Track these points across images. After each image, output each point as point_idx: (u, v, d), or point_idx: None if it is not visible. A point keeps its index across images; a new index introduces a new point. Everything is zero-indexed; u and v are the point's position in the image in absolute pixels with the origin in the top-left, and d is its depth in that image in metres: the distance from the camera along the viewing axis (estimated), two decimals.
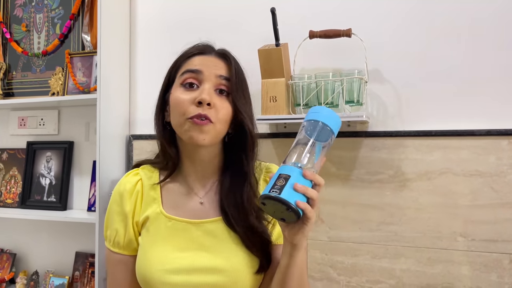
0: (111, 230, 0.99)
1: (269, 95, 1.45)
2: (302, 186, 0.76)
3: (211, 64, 0.95)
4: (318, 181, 0.80)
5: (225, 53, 0.98)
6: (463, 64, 1.42)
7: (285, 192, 0.75)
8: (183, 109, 0.91)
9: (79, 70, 1.86)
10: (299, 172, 0.78)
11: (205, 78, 0.93)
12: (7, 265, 1.98)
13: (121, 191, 0.99)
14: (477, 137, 1.38)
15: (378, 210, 1.48)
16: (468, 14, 1.42)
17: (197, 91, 0.92)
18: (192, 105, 0.90)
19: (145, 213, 0.97)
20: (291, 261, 0.85)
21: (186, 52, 0.99)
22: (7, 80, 2.03)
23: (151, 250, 0.93)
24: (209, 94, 0.91)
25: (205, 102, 0.89)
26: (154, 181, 1.00)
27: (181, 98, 0.92)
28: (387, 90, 1.49)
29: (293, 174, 0.78)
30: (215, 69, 0.94)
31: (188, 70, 0.94)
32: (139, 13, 1.87)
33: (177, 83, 0.96)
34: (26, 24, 2.01)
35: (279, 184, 0.76)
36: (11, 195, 2.01)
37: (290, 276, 0.87)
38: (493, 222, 1.36)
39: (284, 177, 0.77)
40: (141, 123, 1.85)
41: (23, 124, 2.04)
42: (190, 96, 0.92)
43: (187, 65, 0.96)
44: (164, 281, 0.90)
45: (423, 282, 1.42)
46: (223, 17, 1.72)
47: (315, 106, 0.88)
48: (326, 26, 1.48)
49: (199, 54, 0.97)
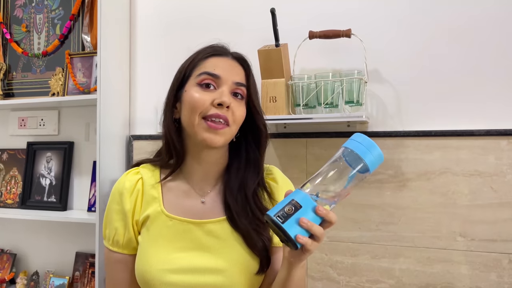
0: (110, 229, 0.99)
1: (269, 96, 1.45)
2: (308, 223, 0.74)
3: (229, 68, 0.96)
4: (331, 219, 0.76)
5: (242, 57, 1.00)
6: (462, 64, 1.42)
7: (289, 223, 0.74)
8: (200, 108, 0.91)
9: (79, 71, 1.86)
10: (313, 206, 0.75)
11: (223, 83, 0.94)
12: (7, 265, 1.98)
13: (120, 189, 0.99)
14: (477, 137, 1.39)
15: (377, 210, 1.48)
16: (468, 15, 1.42)
17: (215, 92, 0.93)
18: (210, 105, 0.92)
19: (146, 212, 0.97)
20: (289, 276, 0.86)
21: (202, 51, 0.99)
22: (7, 81, 2.03)
23: (151, 250, 0.93)
24: (229, 97, 0.92)
25: (226, 105, 0.91)
26: (155, 179, 1.00)
27: (198, 97, 0.92)
28: (386, 90, 1.50)
29: (304, 205, 0.75)
30: (233, 75, 0.95)
31: (207, 73, 0.94)
32: (139, 13, 1.87)
33: (193, 82, 0.95)
34: (26, 24, 2.01)
35: (286, 212, 0.74)
36: (11, 195, 2.02)
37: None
38: (492, 222, 1.37)
39: (294, 205, 0.75)
40: (141, 124, 1.85)
41: (23, 124, 2.04)
42: (209, 97, 0.92)
43: (205, 67, 0.95)
44: (163, 280, 0.90)
45: (423, 281, 1.43)
46: (222, 18, 1.72)
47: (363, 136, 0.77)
48: (326, 26, 1.48)
49: (216, 55, 0.97)
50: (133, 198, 0.98)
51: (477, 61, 1.41)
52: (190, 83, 0.96)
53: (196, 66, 0.97)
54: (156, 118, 1.81)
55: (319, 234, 0.75)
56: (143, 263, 0.92)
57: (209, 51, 0.98)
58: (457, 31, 1.43)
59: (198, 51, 1.00)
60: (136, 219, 0.97)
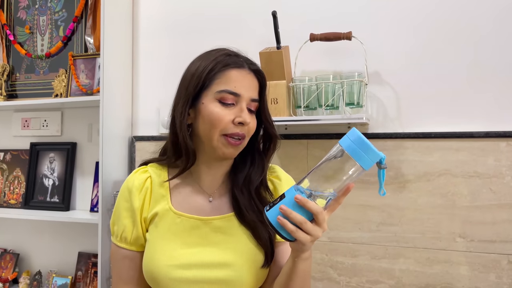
0: (119, 225, 1.00)
1: (270, 97, 1.47)
2: (285, 209, 0.77)
3: (247, 83, 0.97)
4: (310, 208, 0.77)
5: (258, 69, 1.01)
6: (462, 66, 1.44)
7: (271, 211, 0.78)
8: (221, 126, 0.94)
9: (82, 72, 1.88)
10: (293, 194, 0.78)
11: (242, 100, 0.96)
12: (10, 265, 1.99)
13: (130, 187, 1.01)
14: (476, 139, 1.40)
15: (377, 211, 1.49)
16: (468, 17, 1.43)
17: (234, 109, 0.95)
18: (231, 123, 0.94)
19: (154, 210, 0.99)
20: (293, 268, 0.88)
21: (221, 61, 0.97)
22: (10, 82, 2.05)
23: (159, 246, 0.95)
24: (247, 115, 0.95)
25: (247, 124, 0.95)
26: (163, 178, 1.02)
27: (220, 114, 0.94)
28: (386, 92, 1.51)
29: (287, 195, 0.79)
30: (250, 91, 0.97)
31: (229, 92, 0.95)
32: (142, 15, 1.89)
33: (212, 97, 0.95)
34: (30, 26, 2.03)
35: (273, 202, 0.79)
36: (15, 195, 2.03)
37: (292, 282, 0.90)
38: (491, 223, 1.38)
39: (281, 196, 0.79)
40: (143, 125, 1.87)
41: (26, 125, 2.06)
42: (229, 114, 0.94)
43: (226, 83, 0.95)
44: (171, 276, 0.91)
45: (422, 282, 1.44)
46: (224, 20, 1.74)
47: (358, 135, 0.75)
48: (327, 29, 1.50)
49: (235, 67, 0.97)
50: (141, 195, 1.00)
51: (477, 64, 1.42)
52: (209, 97, 0.96)
53: (215, 78, 0.96)
54: (158, 119, 1.82)
55: (300, 222, 0.77)
56: (151, 259, 0.94)
57: (229, 63, 0.97)
58: (457, 34, 1.44)
59: (216, 59, 0.98)
60: (144, 216, 0.99)
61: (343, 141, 0.77)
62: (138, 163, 1.81)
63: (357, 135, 0.76)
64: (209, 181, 1.02)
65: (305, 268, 0.89)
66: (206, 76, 0.96)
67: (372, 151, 0.75)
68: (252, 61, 1.02)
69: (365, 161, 0.76)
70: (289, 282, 0.90)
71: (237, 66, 0.97)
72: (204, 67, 0.97)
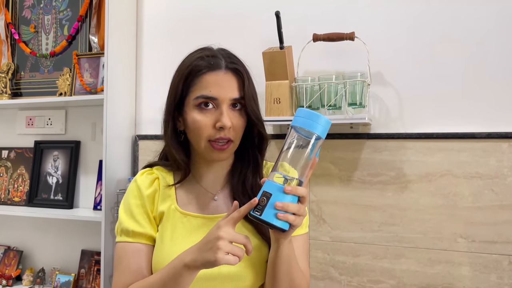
0: (130, 223, 0.99)
1: (273, 97, 1.47)
2: (282, 205, 0.78)
3: (224, 84, 0.95)
4: (301, 194, 0.80)
5: (236, 68, 0.98)
6: (464, 67, 1.44)
7: (266, 212, 0.79)
8: (205, 134, 0.95)
9: (86, 71, 1.89)
10: (280, 188, 0.79)
11: (221, 102, 0.95)
12: (14, 262, 2.01)
13: (139, 185, 1.02)
14: (478, 139, 1.40)
15: (379, 211, 1.50)
16: (470, 18, 1.43)
17: (215, 113, 0.95)
18: (213, 128, 0.94)
19: (161, 209, 1.00)
20: (277, 254, 0.89)
21: (195, 66, 0.97)
22: (15, 80, 2.06)
23: (167, 245, 0.96)
24: (228, 117, 0.94)
25: (228, 128, 0.94)
26: (168, 181, 1.03)
27: (200, 121, 0.95)
28: (389, 92, 1.52)
29: (273, 191, 0.79)
30: (228, 91, 0.95)
31: (204, 97, 0.95)
32: (146, 15, 1.90)
33: (192, 104, 0.96)
34: (35, 25, 2.05)
35: (261, 204, 0.79)
36: (19, 193, 2.05)
37: (278, 269, 0.91)
38: (493, 223, 1.38)
39: (265, 195, 0.80)
40: (147, 124, 1.88)
41: (30, 123, 2.07)
42: (210, 119, 0.94)
43: (200, 88, 0.95)
44: None
45: (423, 282, 1.44)
46: (228, 20, 1.74)
47: (305, 110, 0.81)
48: (330, 29, 1.50)
49: (210, 71, 0.96)
50: (151, 195, 1.01)
51: (479, 64, 1.42)
52: (189, 105, 0.97)
53: (191, 85, 0.97)
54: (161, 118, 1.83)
55: (296, 211, 0.79)
56: (161, 258, 0.95)
57: (202, 67, 0.96)
58: (459, 35, 1.45)
59: (191, 64, 0.98)
60: (154, 215, 1.00)
61: (294, 121, 0.82)
62: (141, 162, 1.82)
63: (303, 110, 0.81)
64: (211, 181, 1.04)
65: (289, 252, 0.90)
66: (183, 85, 0.98)
67: (321, 118, 0.80)
68: (231, 59, 0.99)
69: (318, 128, 0.80)
70: (276, 272, 0.91)
71: (211, 69, 0.96)
72: (180, 76, 0.99)
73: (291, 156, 0.82)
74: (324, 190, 1.56)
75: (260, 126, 1.00)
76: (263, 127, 1.01)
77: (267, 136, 1.03)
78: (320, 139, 0.81)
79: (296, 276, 0.93)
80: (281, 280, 0.91)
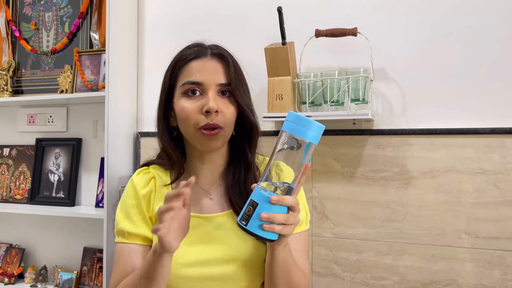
0: (125, 223, 0.99)
1: (275, 93, 1.47)
2: (268, 216, 0.76)
3: (210, 70, 0.96)
4: (287, 203, 0.78)
5: (221, 53, 0.99)
6: (467, 62, 1.43)
7: (251, 223, 0.76)
8: (192, 120, 0.94)
9: (88, 68, 1.88)
10: (267, 198, 0.76)
11: (207, 87, 0.95)
12: (16, 260, 2.01)
13: (135, 185, 1.02)
14: (482, 135, 1.40)
15: (382, 207, 1.49)
16: (473, 14, 1.43)
17: (202, 99, 0.95)
18: (200, 114, 0.93)
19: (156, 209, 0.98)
20: (273, 259, 0.88)
21: (181, 56, 0.99)
22: (16, 78, 2.06)
23: None
24: (215, 101, 0.93)
25: (213, 110, 0.92)
26: (165, 180, 1.03)
27: (187, 108, 0.95)
28: (392, 88, 1.51)
29: (260, 201, 0.77)
30: (215, 76, 0.95)
31: (190, 82, 0.95)
32: (147, 11, 1.89)
33: (179, 93, 0.97)
34: (35, 22, 2.04)
35: (247, 214, 0.77)
36: (20, 191, 2.04)
37: (275, 273, 0.89)
38: (496, 219, 1.38)
39: (252, 204, 0.77)
40: (148, 121, 1.87)
41: (32, 121, 2.07)
42: (196, 105, 0.94)
43: (186, 75, 0.96)
44: (179, 274, 0.92)
45: (427, 278, 1.44)
46: (230, 16, 1.73)
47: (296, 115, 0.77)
48: (332, 25, 1.49)
49: (195, 58, 0.97)
50: (147, 195, 1.00)
51: (483, 59, 1.42)
52: (177, 94, 0.98)
53: (178, 75, 0.98)
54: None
55: (284, 220, 0.77)
56: None
57: (187, 55, 0.98)
58: (462, 30, 1.44)
59: (177, 56, 1.00)
60: (149, 215, 1.00)
61: (285, 126, 0.78)
62: (143, 159, 1.82)
63: (294, 115, 0.77)
64: (206, 178, 1.02)
65: (286, 256, 0.88)
66: (170, 75, 0.99)
67: (314, 124, 0.76)
68: (217, 47, 1.00)
69: (310, 135, 0.76)
70: (273, 274, 0.90)
71: (196, 56, 0.97)
72: (168, 68, 1.01)
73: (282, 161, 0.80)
74: (327, 186, 1.56)
75: (249, 114, 0.98)
76: (253, 116, 0.99)
77: (257, 125, 1.00)
78: (312, 145, 0.78)
79: (295, 277, 0.92)
80: (279, 282, 0.90)
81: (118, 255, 1.00)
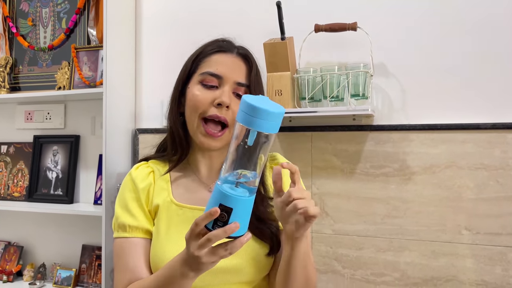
0: (126, 217, 0.98)
1: (274, 89, 1.46)
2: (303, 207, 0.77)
3: (232, 66, 0.96)
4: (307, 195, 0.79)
5: (247, 54, 1.00)
6: (468, 57, 1.42)
7: None
8: (201, 108, 0.94)
9: (85, 65, 1.87)
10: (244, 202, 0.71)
11: (225, 82, 0.95)
12: (14, 258, 2.00)
13: (133, 178, 1.01)
14: (482, 130, 1.38)
15: (382, 203, 1.48)
16: (475, 9, 1.41)
17: (216, 92, 0.95)
18: (211, 105, 0.94)
19: (155, 202, 0.99)
20: (293, 253, 0.86)
21: (207, 47, 1.00)
22: (13, 75, 2.04)
23: (164, 238, 0.95)
24: (229, 97, 0.94)
25: (225, 105, 0.93)
26: (163, 172, 1.02)
27: (200, 96, 0.95)
28: (392, 83, 1.50)
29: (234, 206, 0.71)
30: (235, 74, 0.96)
31: (209, 73, 0.96)
32: (145, 7, 1.87)
33: (196, 80, 0.97)
34: (32, 18, 2.02)
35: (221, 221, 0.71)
36: (18, 188, 2.03)
37: (293, 268, 0.88)
38: (497, 215, 1.37)
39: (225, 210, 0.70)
40: (146, 117, 1.86)
41: (29, 118, 2.06)
42: (209, 96, 0.94)
43: (208, 65, 0.97)
44: None
45: (427, 275, 1.43)
46: (228, 11, 1.72)
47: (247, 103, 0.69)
48: (332, 19, 1.48)
49: (221, 51, 0.98)
50: (145, 188, 1.00)
51: (483, 55, 1.40)
52: (194, 80, 0.98)
53: (200, 63, 0.99)
54: (161, 111, 1.81)
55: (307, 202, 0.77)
56: (158, 252, 0.94)
57: (214, 47, 0.99)
58: (463, 25, 1.42)
59: (204, 45, 1.02)
60: (149, 209, 0.99)
61: (239, 116, 0.71)
62: (141, 156, 1.81)
63: (245, 102, 0.70)
64: (206, 170, 1.02)
65: (306, 248, 0.87)
66: (193, 61, 0.99)
67: (261, 112, 0.69)
68: (243, 48, 1.02)
69: (268, 125, 0.71)
70: (290, 272, 0.88)
71: (223, 50, 0.98)
72: (192, 54, 1.01)
73: (241, 154, 0.73)
74: (327, 182, 1.55)
75: None
76: None
77: None
78: (271, 133, 0.72)
79: (311, 272, 0.91)
80: (297, 276, 0.88)
81: (118, 251, 0.98)
